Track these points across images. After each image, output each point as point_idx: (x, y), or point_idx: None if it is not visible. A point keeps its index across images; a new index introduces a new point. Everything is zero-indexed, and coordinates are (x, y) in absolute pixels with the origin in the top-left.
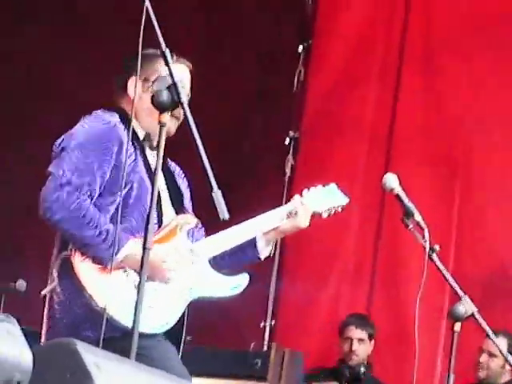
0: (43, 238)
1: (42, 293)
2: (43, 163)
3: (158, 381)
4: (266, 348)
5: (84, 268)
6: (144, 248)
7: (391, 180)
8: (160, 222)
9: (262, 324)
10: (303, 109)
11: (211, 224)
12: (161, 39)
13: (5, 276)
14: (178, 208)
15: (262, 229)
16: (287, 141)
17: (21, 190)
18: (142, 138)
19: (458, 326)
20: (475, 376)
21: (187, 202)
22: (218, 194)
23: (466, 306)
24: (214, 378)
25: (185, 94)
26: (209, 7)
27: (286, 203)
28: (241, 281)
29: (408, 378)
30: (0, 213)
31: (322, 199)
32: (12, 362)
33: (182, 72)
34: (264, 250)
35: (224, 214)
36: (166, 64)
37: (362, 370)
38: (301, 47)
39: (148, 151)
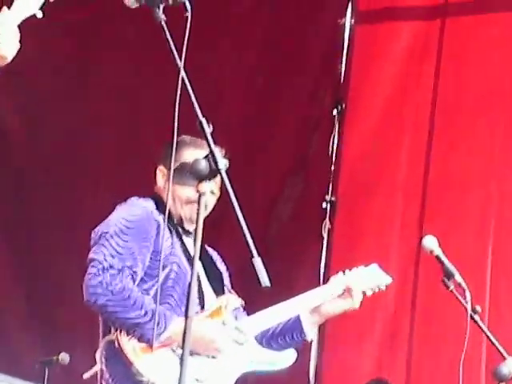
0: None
1: (84, 376)
2: None
3: None
4: None
5: (130, 346)
6: (186, 317)
7: (431, 242)
8: (202, 304)
9: (309, 371)
10: (339, 172)
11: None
12: (197, 108)
13: (53, 350)
14: (218, 291)
15: (307, 306)
16: (324, 205)
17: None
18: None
19: None
20: None
21: (228, 284)
22: (258, 261)
23: (510, 367)
24: None
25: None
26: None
27: (324, 268)
28: (289, 356)
29: None
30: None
31: (366, 279)
32: None
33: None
34: (310, 332)
35: (265, 280)
36: (203, 132)
37: None
38: (335, 111)
39: (184, 236)
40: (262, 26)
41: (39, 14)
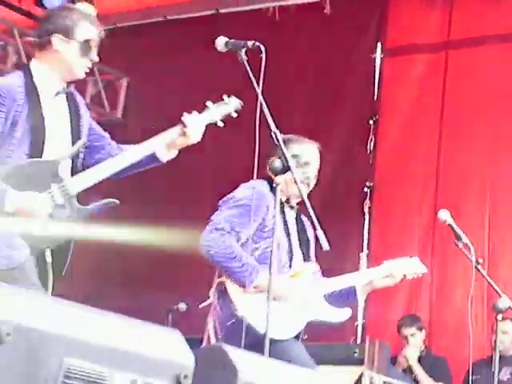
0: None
1: (200, 306)
2: None
3: (286, 369)
4: (360, 341)
5: (232, 289)
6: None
7: (445, 214)
8: (290, 264)
9: (355, 323)
10: (375, 165)
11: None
12: (271, 122)
13: (173, 300)
14: (306, 255)
15: (363, 280)
16: (365, 189)
17: None
18: (284, 200)
19: (499, 317)
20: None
21: (312, 250)
22: (320, 233)
23: (505, 302)
24: (327, 365)
25: (313, 170)
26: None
27: (367, 239)
28: (346, 313)
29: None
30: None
31: (408, 267)
32: (179, 362)
33: (312, 151)
34: (361, 298)
35: (325, 246)
36: (279, 145)
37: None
38: (371, 121)
39: (287, 209)
40: (314, 62)
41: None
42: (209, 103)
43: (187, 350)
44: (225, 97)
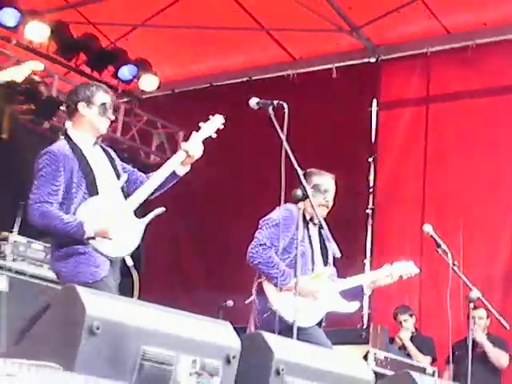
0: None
1: (246, 302)
2: None
3: (310, 349)
4: (366, 326)
5: (269, 288)
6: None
7: (428, 228)
8: (313, 269)
9: (362, 313)
10: (375, 192)
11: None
12: (294, 161)
13: (223, 298)
14: (325, 261)
15: (368, 280)
16: (367, 211)
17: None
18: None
19: (471, 305)
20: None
21: (331, 258)
22: (334, 246)
23: (476, 294)
24: (340, 345)
25: (331, 195)
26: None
27: (370, 249)
28: (356, 305)
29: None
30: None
31: (404, 269)
32: (229, 346)
33: (330, 181)
34: (367, 292)
35: (337, 254)
36: (297, 175)
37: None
38: (370, 159)
39: (311, 225)
40: (324, 114)
41: (214, 135)
42: (201, 123)
43: (235, 336)
44: (210, 116)
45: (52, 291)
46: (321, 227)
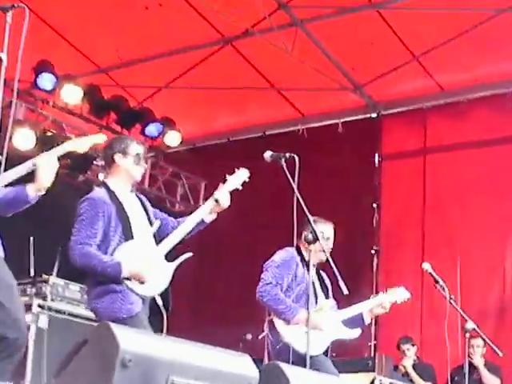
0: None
1: (259, 337)
2: None
3: (321, 377)
4: (372, 355)
5: (278, 323)
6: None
7: (427, 265)
8: (316, 302)
9: (369, 343)
10: (379, 234)
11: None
12: (305, 208)
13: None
14: (326, 294)
15: (366, 308)
16: (372, 251)
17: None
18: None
19: (467, 335)
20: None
21: (331, 294)
22: (342, 283)
23: (471, 325)
24: (347, 373)
25: (331, 241)
26: None
27: (375, 284)
28: (357, 332)
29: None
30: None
31: (396, 295)
32: (248, 375)
33: (331, 230)
34: (367, 320)
35: (345, 291)
36: (309, 222)
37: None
38: (374, 205)
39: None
40: (331, 165)
41: (239, 187)
42: (228, 176)
43: (253, 367)
44: (236, 170)
45: (88, 328)
46: (318, 268)
